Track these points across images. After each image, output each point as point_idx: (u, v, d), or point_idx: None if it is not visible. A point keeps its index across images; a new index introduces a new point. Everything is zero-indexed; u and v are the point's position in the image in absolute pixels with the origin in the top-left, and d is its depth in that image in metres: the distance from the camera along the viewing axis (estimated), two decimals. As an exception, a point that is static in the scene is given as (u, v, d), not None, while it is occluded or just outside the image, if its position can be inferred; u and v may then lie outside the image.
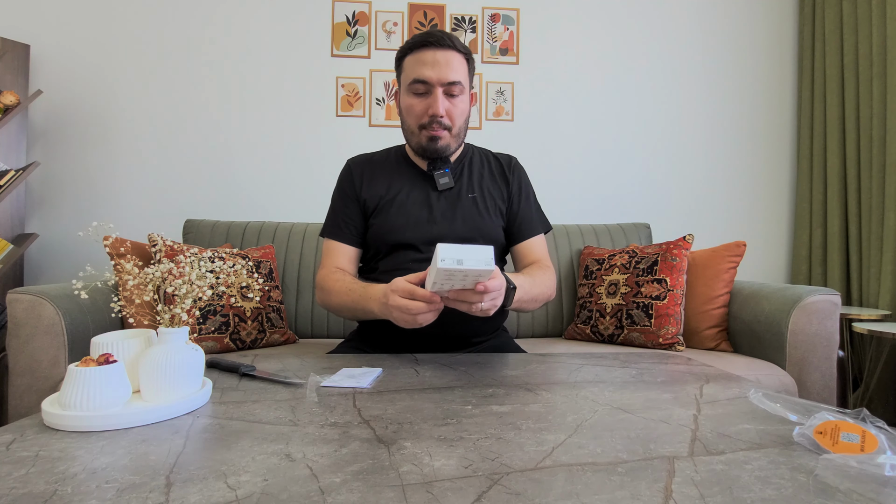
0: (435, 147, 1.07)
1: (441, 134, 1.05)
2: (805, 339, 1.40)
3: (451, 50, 1.04)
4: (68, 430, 0.54)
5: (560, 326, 1.85)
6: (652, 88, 2.38)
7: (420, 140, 1.07)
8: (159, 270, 0.66)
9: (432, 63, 1.02)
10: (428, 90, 1.04)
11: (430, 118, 1.04)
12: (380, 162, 1.17)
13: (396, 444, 0.51)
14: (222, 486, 0.41)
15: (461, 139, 1.11)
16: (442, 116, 1.04)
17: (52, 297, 1.25)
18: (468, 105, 1.10)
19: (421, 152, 1.10)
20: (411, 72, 1.05)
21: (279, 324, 1.60)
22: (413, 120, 1.07)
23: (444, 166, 1.11)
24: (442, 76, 1.02)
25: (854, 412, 0.51)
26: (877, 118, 2.01)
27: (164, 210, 2.17)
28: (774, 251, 2.44)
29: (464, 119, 1.09)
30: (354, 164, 1.18)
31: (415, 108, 1.06)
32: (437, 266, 0.72)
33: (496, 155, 1.22)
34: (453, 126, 1.06)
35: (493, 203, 1.14)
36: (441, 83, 1.03)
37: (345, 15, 2.26)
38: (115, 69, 2.15)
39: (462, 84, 1.05)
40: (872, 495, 0.41)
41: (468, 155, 1.19)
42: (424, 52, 1.03)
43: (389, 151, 1.20)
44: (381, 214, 1.10)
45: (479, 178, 1.15)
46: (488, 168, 1.18)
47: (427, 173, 1.13)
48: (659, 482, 0.43)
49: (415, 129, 1.08)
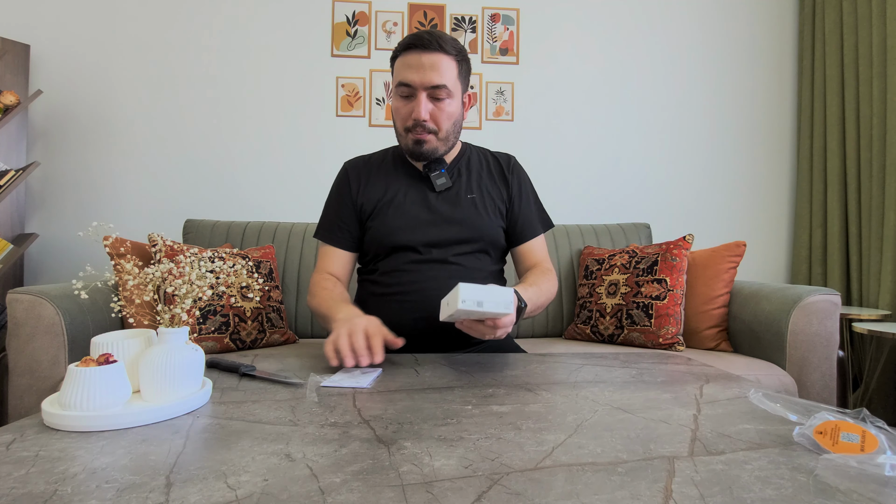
0: (420, 150, 1.06)
1: (426, 137, 1.05)
2: (805, 339, 1.40)
3: (438, 52, 1.02)
4: (68, 430, 0.54)
5: (560, 326, 1.85)
6: (652, 89, 2.38)
7: (407, 143, 1.08)
8: (159, 270, 0.66)
9: (417, 66, 1.01)
10: (412, 93, 1.03)
11: (413, 121, 1.04)
12: (377, 164, 1.17)
13: (396, 444, 0.51)
14: (222, 486, 0.41)
15: (451, 142, 1.10)
16: (425, 120, 1.03)
17: (52, 297, 1.25)
18: (458, 108, 1.08)
19: (410, 155, 1.10)
20: (398, 75, 1.05)
21: (279, 324, 1.60)
22: (399, 122, 1.08)
23: (439, 167, 1.10)
24: (425, 80, 1.01)
25: (854, 412, 0.51)
26: (877, 118, 2.01)
27: (164, 210, 2.17)
28: (774, 251, 2.44)
29: (451, 122, 1.07)
30: (351, 168, 1.17)
31: (400, 111, 1.06)
32: (458, 307, 0.75)
33: (494, 154, 1.21)
34: (439, 129, 1.05)
35: (493, 203, 1.13)
36: (424, 87, 1.02)
37: (345, 15, 2.26)
38: (115, 69, 2.15)
39: (448, 87, 1.03)
40: (872, 495, 0.41)
41: (465, 155, 1.18)
42: (411, 54, 1.03)
43: (387, 152, 1.20)
44: (379, 217, 1.10)
45: (477, 179, 1.15)
46: (487, 168, 1.17)
47: (424, 174, 1.12)
48: (659, 482, 0.43)
49: (401, 131, 1.08)
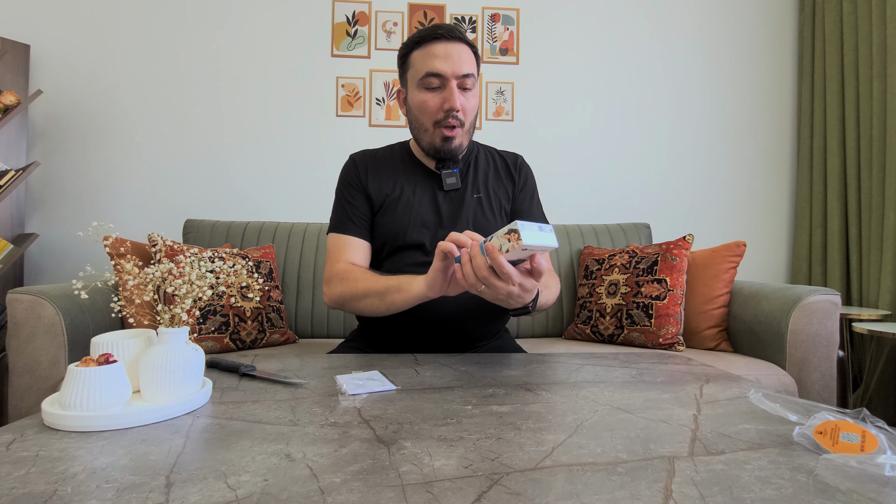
0: (449, 147, 1.03)
1: (455, 133, 1.02)
2: (805, 339, 1.40)
3: (461, 42, 1.01)
4: (68, 430, 0.54)
5: (560, 326, 1.85)
6: (652, 88, 2.38)
7: (433, 140, 1.04)
8: (159, 270, 0.66)
9: (444, 56, 0.99)
10: (442, 84, 1.00)
11: (445, 113, 1.01)
12: (383, 158, 1.14)
13: (396, 444, 0.51)
14: (222, 486, 0.41)
15: (471, 135, 1.09)
16: (458, 110, 1.00)
17: (52, 297, 1.25)
18: (478, 100, 1.07)
19: (433, 153, 1.06)
20: (422, 66, 1.01)
21: (279, 324, 1.60)
22: (427, 117, 1.02)
23: (452, 165, 1.08)
24: (456, 69, 0.99)
25: (854, 412, 0.51)
26: (877, 118, 2.01)
27: (164, 210, 2.17)
28: (774, 251, 2.44)
29: (475, 114, 1.06)
30: (359, 159, 1.13)
31: (429, 104, 1.01)
32: (524, 242, 0.67)
33: (501, 153, 1.19)
34: (466, 121, 1.03)
35: (499, 203, 1.12)
36: (455, 76, 1.00)
37: (345, 15, 2.26)
38: (115, 69, 2.15)
39: (474, 77, 1.02)
40: (872, 495, 0.41)
41: (473, 153, 1.16)
42: (435, 44, 1.00)
43: (393, 148, 1.17)
44: (387, 213, 1.07)
45: (484, 178, 1.13)
46: (494, 167, 1.16)
47: (433, 172, 1.10)
48: (659, 482, 0.43)
49: (429, 127, 1.03)
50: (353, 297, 0.98)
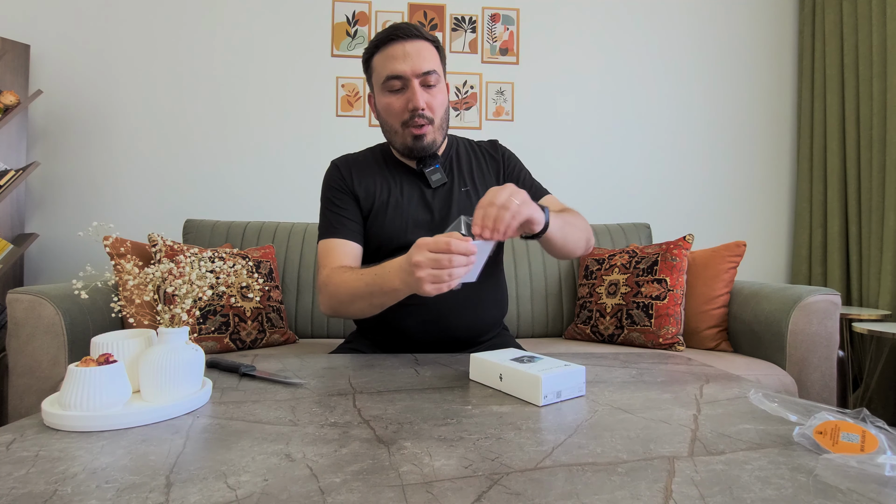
0: (421, 145, 1.03)
1: (425, 130, 1.02)
2: (805, 339, 1.40)
3: (420, 39, 1.00)
4: (68, 430, 0.54)
5: (560, 326, 1.85)
6: (652, 88, 2.38)
7: (405, 140, 1.03)
8: (159, 270, 0.66)
9: (403, 56, 0.98)
10: (404, 84, 1.00)
11: (410, 113, 1.01)
12: (366, 161, 1.12)
13: (396, 444, 0.51)
14: (222, 486, 0.41)
15: (445, 130, 1.08)
16: (423, 109, 1.00)
17: (52, 297, 1.25)
18: (446, 95, 1.06)
19: (408, 153, 1.06)
20: (383, 69, 1.01)
21: (279, 324, 1.60)
22: (394, 118, 1.02)
23: (433, 162, 1.07)
24: (416, 67, 0.98)
25: (854, 412, 0.51)
26: (877, 118, 2.01)
27: (164, 210, 2.17)
28: (774, 251, 2.44)
29: (444, 109, 1.05)
30: (341, 163, 1.13)
31: (393, 106, 1.01)
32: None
33: (479, 143, 1.19)
34: (435, 118, 1.03)
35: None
36: (416, 74, 0.99)
37: (345, 15, 2.26)
38: (115, 69, 2.15)
39: (437, 73, 1.01)
40: (872, 495, 0.41)
41: (454, 147, 1.15)
42: (393, 46, 0.99)
43: (373, 151, 1.16)
44: (380, 217, 1.07)
45: (468, 170, 1.13)
46: (475, 157, 1.16)
47: (417, 171, 1.09)
48: (659, 482, 0.43)
49: (398, 128, 1.03)
50: (340, 304, 0.95)
